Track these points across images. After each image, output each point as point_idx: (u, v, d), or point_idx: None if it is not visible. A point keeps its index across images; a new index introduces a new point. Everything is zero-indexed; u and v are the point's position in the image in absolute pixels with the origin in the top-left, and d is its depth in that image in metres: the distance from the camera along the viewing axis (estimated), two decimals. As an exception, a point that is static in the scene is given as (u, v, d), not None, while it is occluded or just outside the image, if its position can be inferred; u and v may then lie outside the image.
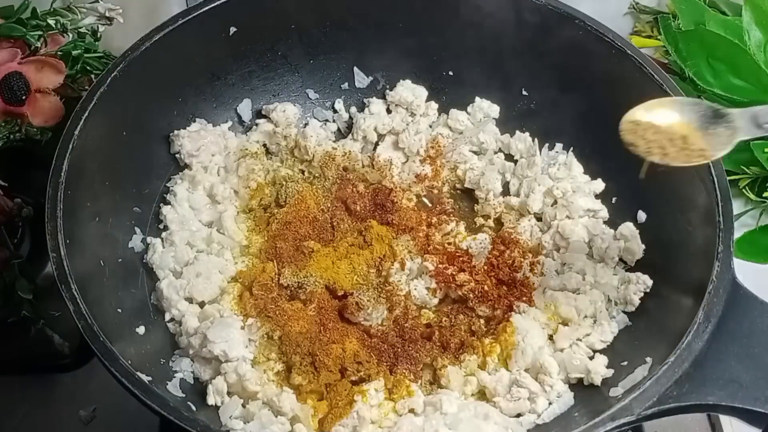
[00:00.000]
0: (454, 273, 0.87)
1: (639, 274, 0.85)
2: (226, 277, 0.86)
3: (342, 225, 0.91)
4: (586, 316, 0.85)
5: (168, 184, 0.94)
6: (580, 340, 0.83)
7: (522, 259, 0.88)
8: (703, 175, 0.79)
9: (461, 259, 0.88)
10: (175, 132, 0.94)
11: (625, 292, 0.84)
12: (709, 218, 0.77)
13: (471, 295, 0.85)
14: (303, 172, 0.97)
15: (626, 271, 0.88)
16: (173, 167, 0.95)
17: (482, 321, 0.85)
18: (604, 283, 0.86)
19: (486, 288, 0.85)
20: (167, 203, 0.92)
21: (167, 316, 0.84)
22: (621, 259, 0.89)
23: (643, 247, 0.87)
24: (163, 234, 0.89)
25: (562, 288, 0.87)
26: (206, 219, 0.92)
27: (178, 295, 0.84)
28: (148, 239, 0.89)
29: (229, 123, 1.00)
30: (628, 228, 0.89)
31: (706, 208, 0.77)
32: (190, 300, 0.84)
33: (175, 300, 0.83)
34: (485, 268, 0.88)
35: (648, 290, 0.84)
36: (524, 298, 0.86)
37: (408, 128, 0.99)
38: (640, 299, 0.84)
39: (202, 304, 0.84)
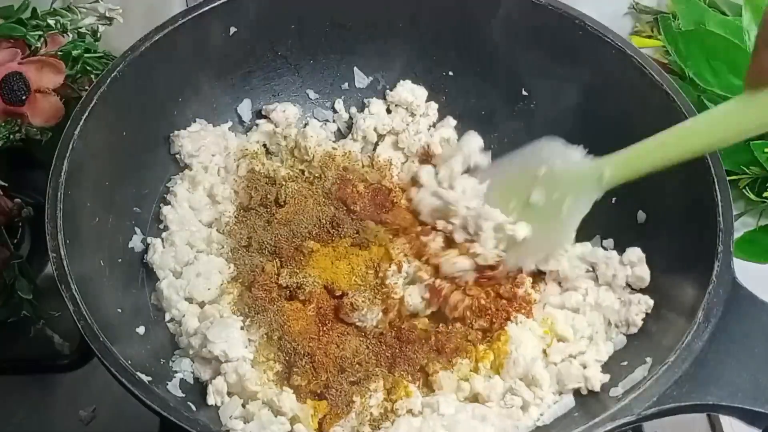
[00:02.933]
0: (447, 294, 0.85)
1: (640, 295, 0.83)
2: (226, 277, 0.86)
3: (342, 225, 0.91)
4: (582, 337, 0.83)
5: (168, 185, 0.94)
6: (574, 357, 0.81)
7: (525, 276, 0.87)
8: (703, 175, 0.79)
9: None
10: (175, 132, 0.94)
11: (626, 313, 0.82)
12: (709, 218, 0.77)
13: (467, 313, 0.84)
14: (303, 172, 0.96)
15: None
16: (173, 167, 0.95)
17: (479, 332, 0.85)
18: (605, 306, 0.84)
19: (482, 302, 0.84)
20: (167, 203, 0.92)
21: (167, 316, 0.84)
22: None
23: (649, 272, 0.85)
24: (163, 234, 0.89)
25: (562, 306, 0.86)
26: (206, 219, 0.92)
27: (178, 295, 0.84)
28: (148, 239, 0.89)
29: (229, 123, 1.00)
30: (635, 253, 0.86)
31: (706, 208, 0.77)
32: (190, 300, 0.84)
33: (175, 300, 0.83)
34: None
35: (649, 311, 0.82)
36: (523, 311, 0.85)
37: (408, 128, 0.99)
38: (642, 320, 0.81)
39: (202, 304, 0.84)
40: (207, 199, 0.93)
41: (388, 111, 1.02)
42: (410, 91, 1.01)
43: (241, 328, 0.80)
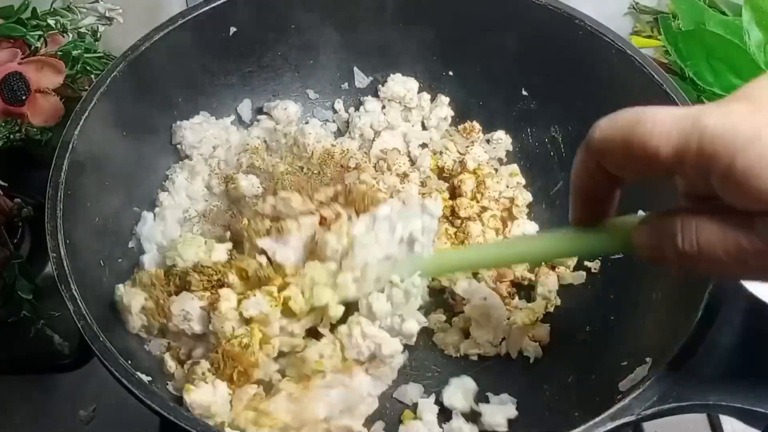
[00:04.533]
0: None
1: None
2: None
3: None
4: None
5: (167, 172, 0.94)
6: None
7: None
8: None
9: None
10: (178, 123, 0.95)
11: None
12: (709, 218, 0.76)
13: None
14: (302, 168, 0.97)
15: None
16: (173, 167, 0.95)
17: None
18: None
19: None
20: (165, 190, 0.92)
21: None
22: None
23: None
24: (156, 209, 0.90)
25: None
26: (201, 209, 0.92)
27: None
28: (141, 212, 0.89)
29: (232, 117, 1.00)
30: None
31: (706, 208, 0.77)
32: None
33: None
34: None
35: None
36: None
37: (403, 123, 1.00)
38: None
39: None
40: (205, 191, 0.93)
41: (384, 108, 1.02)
42: (401, 84, 1.01)
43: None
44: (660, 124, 0.49)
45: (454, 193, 0.96)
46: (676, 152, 0.48)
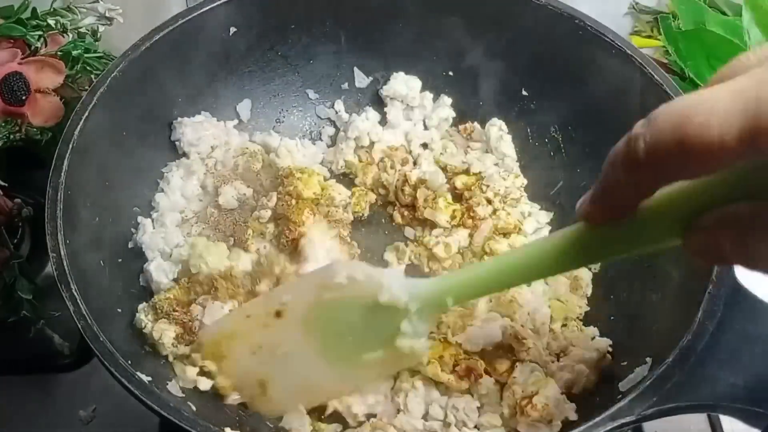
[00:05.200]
0: None
1: None
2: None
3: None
4: None
5: (163, 170, 0.94)
6: None
7: None
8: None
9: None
10: (179, 119, 0.94)
11: None
12: (709, 218, 0.76)
13: None
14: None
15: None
16: (170, 165, 0.95)
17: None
18: None
19: None
20: (161, 191, 0.92)
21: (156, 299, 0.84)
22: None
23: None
24: (154, 215, 0.90)
25: None
26: (197, 209, 0.92)
27: (167, 278, 0.84)
28: (138, 218, 0.89)
29: (235, 121, 1.00)
30: None
31: (706, 208, 0.77)
32: (178, 282, 0.84)
33: (164, 284, 0.83)
34: None
35: None
36: None
37: (404, 122, 1.00)
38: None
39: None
40: (199, 190, 0.93)
41: (381, 123, 1.02)
42: (404, 83, 1.01)
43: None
44: (714, 110, 0.41)
45: (456, 194, 0.96)
46: (742, 135, 0.40)
